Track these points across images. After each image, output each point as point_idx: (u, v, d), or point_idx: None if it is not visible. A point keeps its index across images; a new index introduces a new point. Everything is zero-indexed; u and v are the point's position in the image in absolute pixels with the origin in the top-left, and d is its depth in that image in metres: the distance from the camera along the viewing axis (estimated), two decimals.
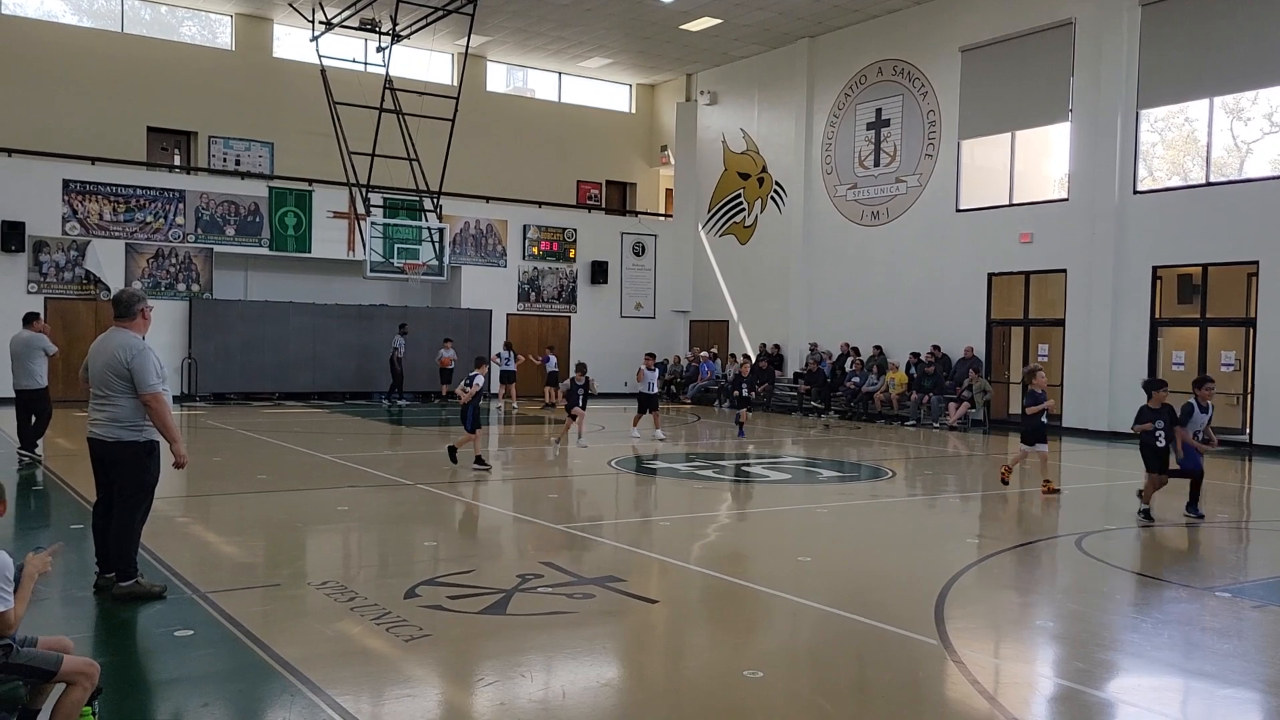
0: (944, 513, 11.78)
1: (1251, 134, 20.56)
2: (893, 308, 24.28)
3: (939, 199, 23.48)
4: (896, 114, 24.56)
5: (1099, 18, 20.21)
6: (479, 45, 27.82)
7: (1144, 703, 5.50)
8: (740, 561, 8.74)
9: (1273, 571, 8.71)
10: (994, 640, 6.62)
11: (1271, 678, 5.85)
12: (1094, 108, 20.33)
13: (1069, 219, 20.80)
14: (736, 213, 29.13)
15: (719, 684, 5.51)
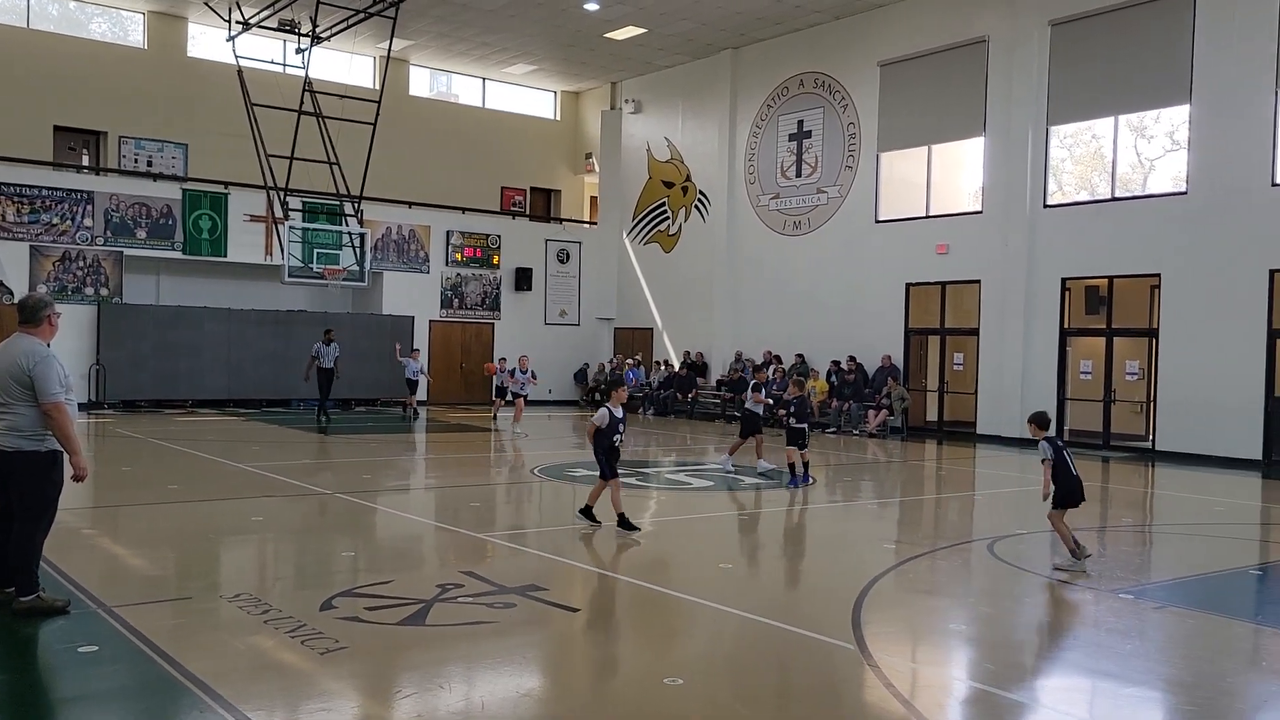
0: (862, 518, 11.97)
1: (1155, 151, 21.32)
2: (814, 316, 24.63)
3: (859, 210, 23.90)
4: (818, 126, 24.95)
5: (1011, 36, 20.80)
6: (401, 49, 27.55)
7: (1052, 703, 5.65)
8: (662, 569, 8.77)
9: (1173, 574, 9.04)
10: (909, 644, 6.74)
11: (1171, 676, 6.06)
12: (1006, 123, 20.90)
13: (983, 231, 21.34)
14: (661, 221, 29.28)
15: (639, 692, 5.52)
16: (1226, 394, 17.68)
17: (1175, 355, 18.47)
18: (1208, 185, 18.06)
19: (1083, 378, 20.53)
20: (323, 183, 22.93)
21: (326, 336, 22.20)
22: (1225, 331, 17.74)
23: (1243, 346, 17.54)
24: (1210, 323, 17.93)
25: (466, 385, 28.71)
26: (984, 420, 21.24)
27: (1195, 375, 18.16)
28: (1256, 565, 9.81)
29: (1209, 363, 17.91)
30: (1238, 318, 17.60)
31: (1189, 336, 18.24)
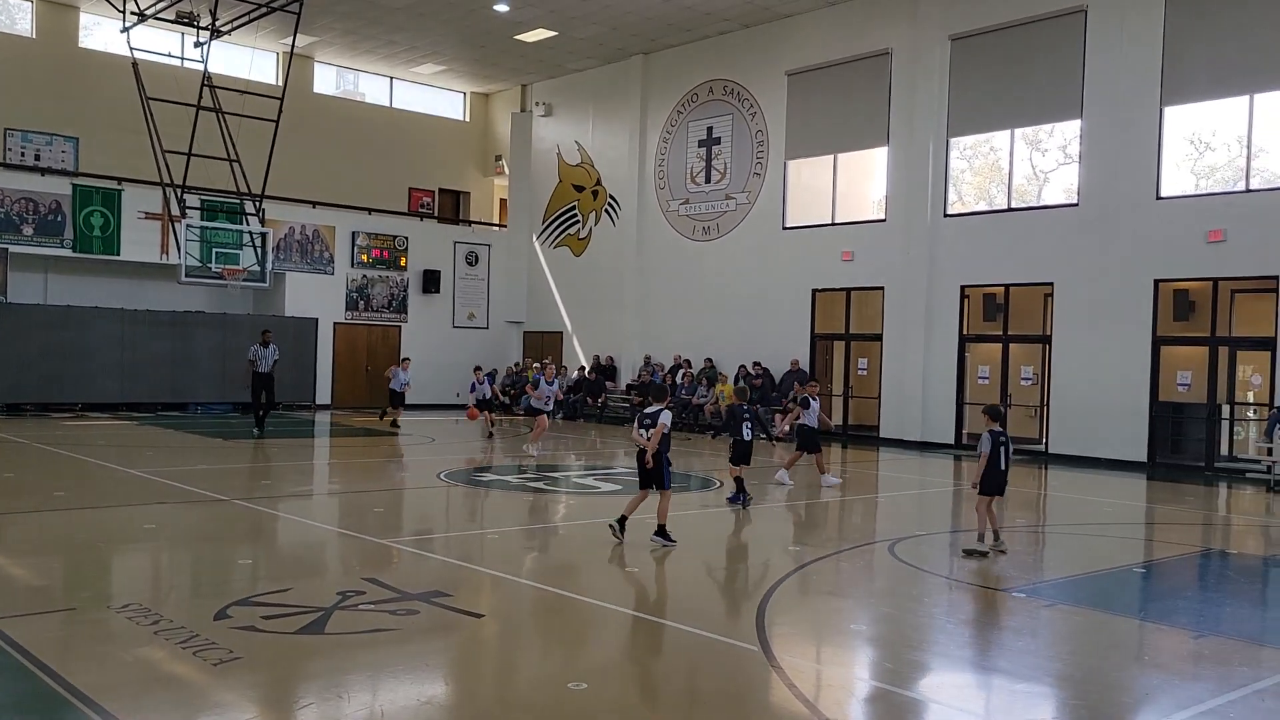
0: (768, 521, 12.10)
1: (1049, 164, 22.11)
2: (723, 321, 24.87)
3: (767, 216, 24.21)
4: (727, 132, 25.21)
5: (913, 49, 21.33)
6: (306, 45, 26.98)
7: (948, 700, 5.79)
8: (569, 573, 8.74)
9: (1063, 573, 9.35)
10: (812, 645, 6.84)
11: (1061, 672, 6.27)
12: (909, 134, 21.41)
13: (886, 239, 21.82)
14: (571, 224, 29.23)
15: (544, 697, 5.49)
16: (1114, 399, 18.38)
17: (1067, 361, 19.14)
18: (1098, 197, 18.77)
19: (980, 382, 21.14)
20: (223, 180, 22.31)
21: (264, 338, 19.71)
22: (1113, 338, 18.45)
23: (1129, 353, 18.27)
24: (1099, 330, 18.63)
25: (372, 389, 28.22)
26: (887, 424, 21.71)
27: (1085, 380, 18.84)
28: (1141, 563, 10.21)
29: (1098, 368, 18.61)
30: (1125, 325, 18.32)
31: (1080, 343, 18.92)
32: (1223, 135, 18.96)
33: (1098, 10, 18.75)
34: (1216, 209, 17.50)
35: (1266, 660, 6.52)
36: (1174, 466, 17.97)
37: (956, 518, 12.70)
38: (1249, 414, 18.89)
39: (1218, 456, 17.93)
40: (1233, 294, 17.86)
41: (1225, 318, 17.84)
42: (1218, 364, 17.89)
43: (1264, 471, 16.36)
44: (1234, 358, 18.11)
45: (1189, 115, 18.49)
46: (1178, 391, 18.34)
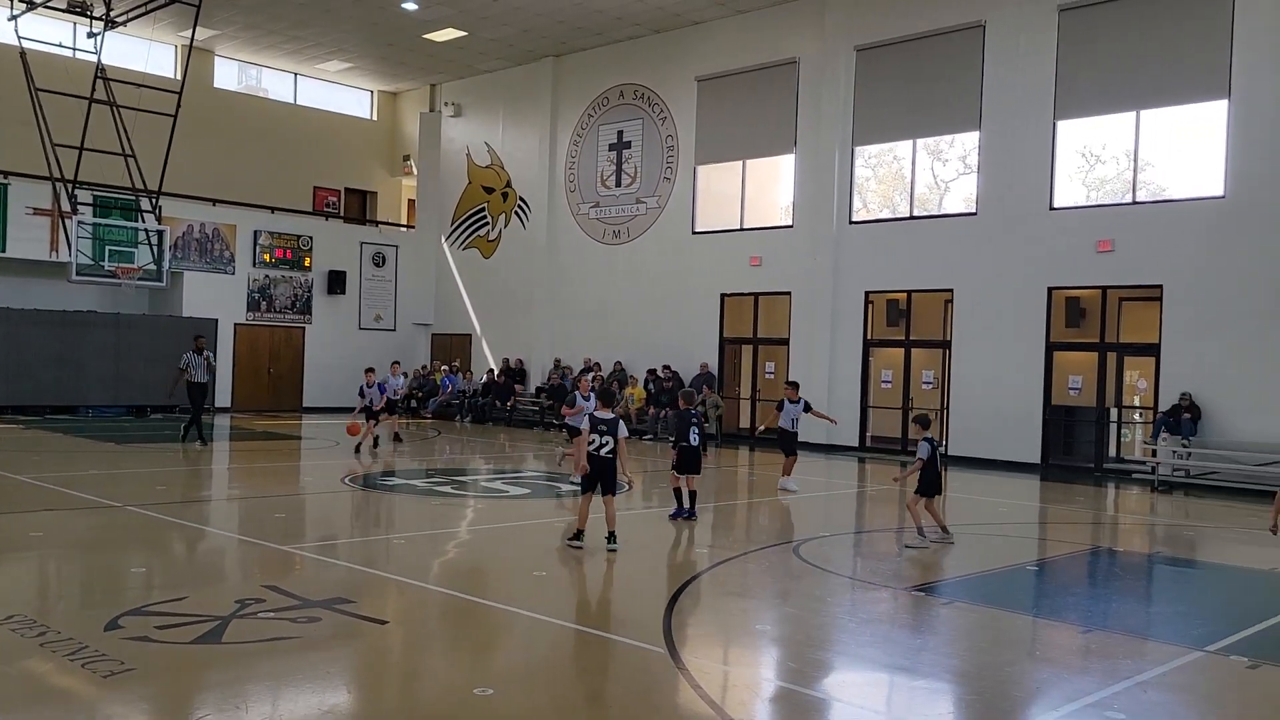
0: (677, 524, 12.17)
1: (949, 174, 22.72)
2: (633, 324, 24.95)
3: (677, 221, 24.38)
4: (637, 137, 25.31)
5: (820, 59, 21.72)
6: (206, 39, 26.26)
7: (849, 698, 5.91)
8: (476, 578, 8.66)
9: (961, 572, 9.61)
10: (717, 646, 6.91)
11: (957, 668, 6.45)
12: (815, 142, 21.79)
13: (793, 245, 22.17)
14: (480, 226, 29.00)
15: (449, 703, 5.43)
16: (1010, 403, 18.98)
17: (965, 366, 19.69)
18: (995, 207, 19.37)
19: (883, 386, 21.62)
20: (117, 176, 21.56)
21: (197, 344, 18.20)
22: (1009, 344, 19.05)
23: (1024, 358, 18.89)
24: (996, 336, 19.22)
25: (275, 392, 27.59)
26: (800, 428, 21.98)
27: (983, 385, 19.41)
28: (1034, 561, 10.56)
29: (995, 373, 19.19)
30: (1020, 331, 18.93)
31: (978, 348, 19.49)
32: (1112, 149, 19.73)
33: (995, 26, 19.35)
34: (1106, 220, 18.21)
35: (1149, 653, 6.80)
36: (1066, 468, 18.63)
37: (860, 519, 12.98)
38: (1135, 417, 19.71)
39: (1106, 458, 18.65)
40: (1121, 302, 18.61)
41: (1114, 325, 18.58)
42: (1106, 369, 18.62)
43: (1149, 472, 17.08)
44: (1122, 363, 18.87)
45: (1080, 129, 19.20)
46: (1069, 396, 19.03)
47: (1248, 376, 16.44)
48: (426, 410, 27.25)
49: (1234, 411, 16.52)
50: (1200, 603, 8.95)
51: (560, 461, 16.06)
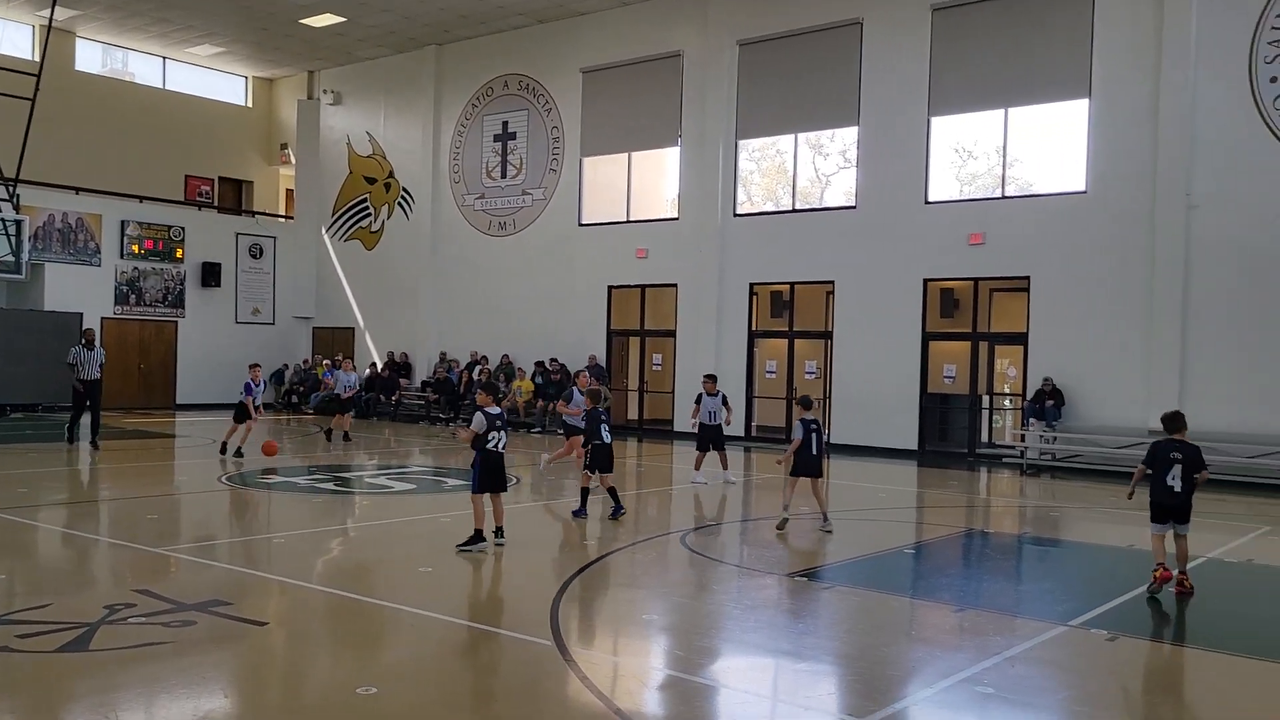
0: (564, 516, 12.17)
1: (830, 168, 23.21)
2: (520, 317, 24.81)
3: (563, 213, 24.33)
4: (523, 128, 25.15)
5: (703, 52, 21.93)
6: (66, 19, 24.99)
7: (735, 683, 6.02)
8: (360, 576, 8.51)
9: (842, 556, 9.88)
10: (605, 637, 6.95)
11: (838, 650, 6.63)
12: (700, 135, 22.01)
13: (679, 237, 22.37)
14: (363, 217, 28.41)
15: (331, 704, 5.33)
16: (889, 391, 19.55)
17: (847, 356, 20.20)
18: (873, 201, 19.89)
19: (768, 376, 22.01)
20: None
21: (87, 338, 17.25)
22: (888, 334, 19.61)
23: (902, 348, 19.48)
24: (876, 326, 19.76)
25: (146, 388, 26.54)
26: (680, 418, 22.23)
27: (863, 374, 19.95)
28: (911, 545, 10.91)
29: (874, 363, 19.74)
30: (898, 322, 19.51)
31: (858, 339, 20.02)
32: (983, 145, 20.47)
33: (872, 23, 19.85)
34: (977, 214, 18.89)
35: (1018, 629, 7.11)
36: (941, 453, 19.30)
37: (746, 507, 13.19)
38: (1006, 404, 20.54)
39: (979, 443, 19.40)
40: (991, 293, 19.35)
41: (985, 315, 19.31)
42: (979, 358, 19.35)
43: (1018, 456, 17.82)
44: (993, 352, 19.64)
45: (953, 126, 19.87)
46: (944, 384, 19.72)
47: (1108, 363, 17.29)
48: (308, 406, 26.57)
49: (1096, 397, 17.36)
50: (1065, 580, 9.40)
51: (544, 468, 15.20)
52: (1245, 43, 16.17)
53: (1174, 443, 8.29)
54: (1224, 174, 16.34)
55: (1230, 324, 16.25)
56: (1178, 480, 8.17)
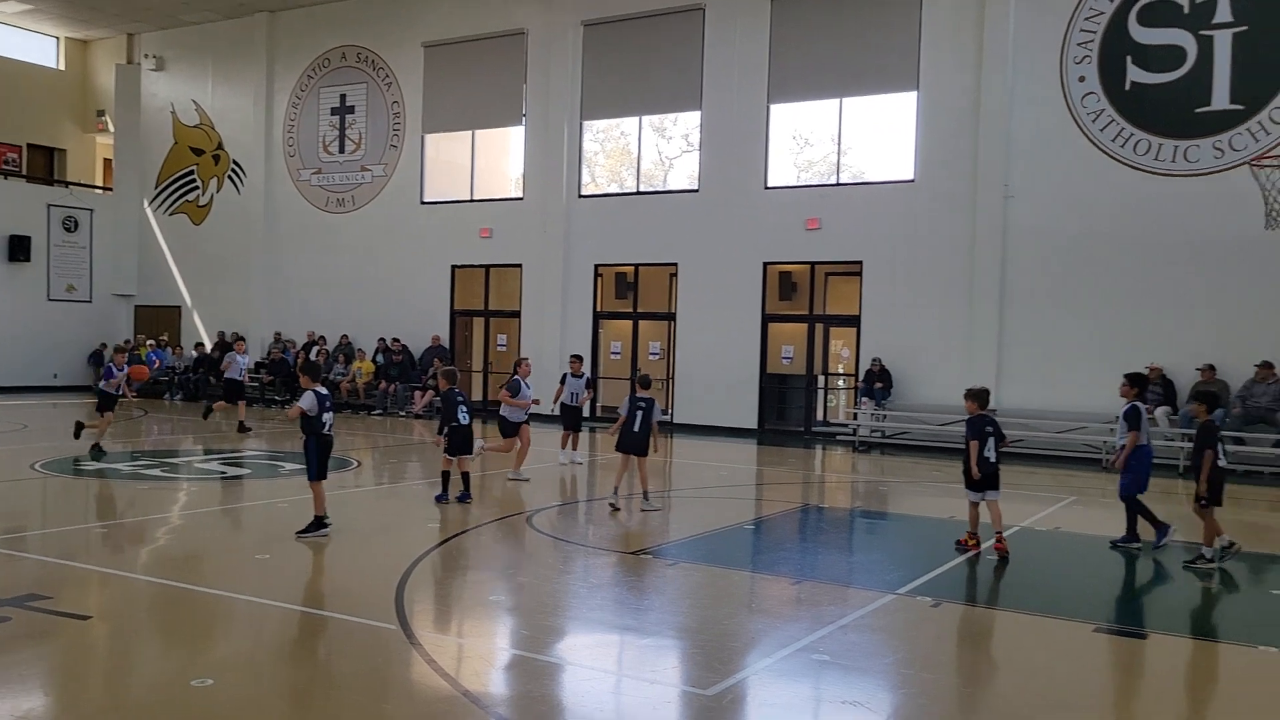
0: (408, 500, 12.00)
1: (673, 151, 23.54)
2: (361, 296, 24.19)
3: (405, 190, 23.81)
4: (361, 102, 24.45)
5: (547, 31, 21.81)
6: None
7: (581, 660, 6.09)
8: (192, 565, 8.17)
9: (685, 534, 10.10)
10: (451, 619, 6.91)
11: (682, 624, 6.80)
12: (545, 114, 21.91)
13: (524, 217, 22.24)
14: (189, 190, 27.06)
15: (163, 698, 5.12)
16: (730, 372, 20.03)
17: (690, 337, 20.57)
18: (715, 185, 20.27)
19: (613, 357, 22.20)
20: None
21: None
22: (729, 316, 20.06)
23: (743, 330, 19.97)
24: (718, 308, 20.19)
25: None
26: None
27: (706, 355, 20.36)
28: (751, 521, 11.24)
29: (716, 344, 20.17)
30: (739, 304, 19.98)
31: (701, 320, 20.40)
32: (819, 133, 21.15)
33: (714, 9, 20.17)
34: (813, 200, 19.51)
35: (851, 599, 7.45)
36: (779, 432, 19.93)
37: (591, 488, 13.30)
38: (839, 383, 21.36)
39: (815, 422, 20.11)
40: (827, 276, 20.05)
41: (821, 298, 20.00)
42: (814, 339, 20.04)
43: (851, 434, 18.58)
44: (828, 334, 20.38)
45: (791, 113, 20.43)
46: (782, 364, 20.34)
47: (933, 345, 18.19)
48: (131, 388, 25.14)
49: (922, 376, 18.26)
50: (893, 551, 9.89)
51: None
52: (1057, 44, 17.23)
53: (984, 416, 9.01)
54: (1038, 166, 17.40)
55: (1041, 308, 17.34)
56: (992, 451, 8.91)
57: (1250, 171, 11.36)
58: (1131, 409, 9.47)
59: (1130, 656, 6.47)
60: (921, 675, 5.81)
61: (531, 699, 5.29)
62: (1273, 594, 8.39)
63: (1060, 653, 6.40)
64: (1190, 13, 16.28)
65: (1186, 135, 16.32)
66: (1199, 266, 16.17)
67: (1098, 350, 16.64)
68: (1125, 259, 16.70)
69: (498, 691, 5.49)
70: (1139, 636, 6.74)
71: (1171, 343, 16.32)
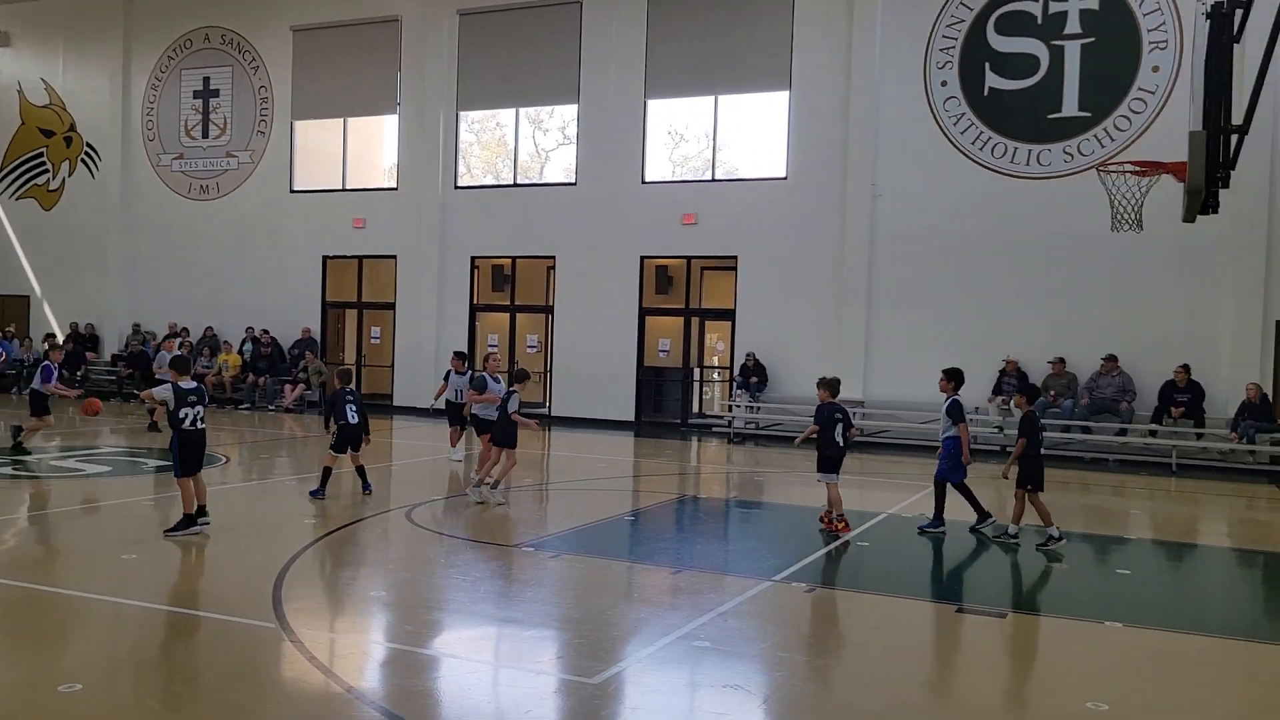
0: (280, 496, 11.72)
1: (550, 144, 23.51)
2: (227, 286, 23.39)
3: (273, 178, 23.12)
4: (226, 85, 23.62)
5: (422, 20, 21.49)
6: None
7: (464, 653, 6.10)
8: (48, 567, 7.83)
9: (566, 526, 10.17)
10: (330, 616, 6.82)
11: (565, 616, 6.87)
12: (420, 104, 21.59)
13: (398, 208, 21.88)
14: (39, 174, 25.66)
15: (25, 706, 4.92)
16: (608, 364, 20.16)
17: (568, 330, 20.61)
18: (592, 179, 20.35)
19: (490, 350, 22.01)
20: None
21: None
22: (607, 309, 20.19)
23: (620, 323, 20.12)
24: (595, 301, 20.29)
25: None
26: (400, 392, 21.88)
27: (583, 348, 20.44)
28: (630, 512, 11.39)
29: (594, 337, 20.27)
30: (617, 297, 20.12)
31: (578, 313, 20.47)
32: (695, 129, 21.45)
33: (591, 3, 20.22)
34: (689, 195, 19.80)
35: (729, 587, 7.65)
36: (657, 424, 20.17)
37: (470, 481, 13.22)
38: (715, 376, 21.74)
39: (691, 414, 20.43)
40: (702, 270, 20.38)
41: (697, 292, 20.32)
42: (691, 333, 20.35)
43: (726, 426, 18.95)
44: (703, 327, 20.71)
45: (668, 109, 20.66)
46: (659, 357, 20.59)
47: (804, 339, 18.69)
48: None
49: (794, 369, 18.74)
50: (769, 539, 10.17)
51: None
52: (921, 50, 17.91)
53: (834, 404, 9.74)
54: (904, 167, 18.05)
55: (907, 304, 18.01)
56: (841, 436, 9.64)
57: (1098, 176, 12.05)
58: (953, 403, 9.90)
59: (989, 634, 6.84)
60: (796, 658, 6.04)
61: (414, 693, 5.28)
62: (1118, 573, 8.98)
63: (926, 632, 6.72)
64: (1043, 23, 17.15)
65: (1039, 140, 17.21)
66: (1052, 265, 17.07)
67: (960, 344, 17.39)
68: (985, 257, 17.50)
69: (380, 686, 5.46)
70: (999, 616, 7.13)
71: (1027, 337, 17.19)
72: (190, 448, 8.75)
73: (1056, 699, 5.52)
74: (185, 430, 8.71)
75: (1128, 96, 16.65)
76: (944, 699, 5.57)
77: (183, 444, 8.70)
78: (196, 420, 8.78)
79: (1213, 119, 8.03)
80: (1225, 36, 7.91)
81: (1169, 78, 16.39)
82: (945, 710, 5.35)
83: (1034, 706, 5.49)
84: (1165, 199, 11.87)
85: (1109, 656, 6.25)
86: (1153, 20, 16.54)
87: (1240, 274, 16.03)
